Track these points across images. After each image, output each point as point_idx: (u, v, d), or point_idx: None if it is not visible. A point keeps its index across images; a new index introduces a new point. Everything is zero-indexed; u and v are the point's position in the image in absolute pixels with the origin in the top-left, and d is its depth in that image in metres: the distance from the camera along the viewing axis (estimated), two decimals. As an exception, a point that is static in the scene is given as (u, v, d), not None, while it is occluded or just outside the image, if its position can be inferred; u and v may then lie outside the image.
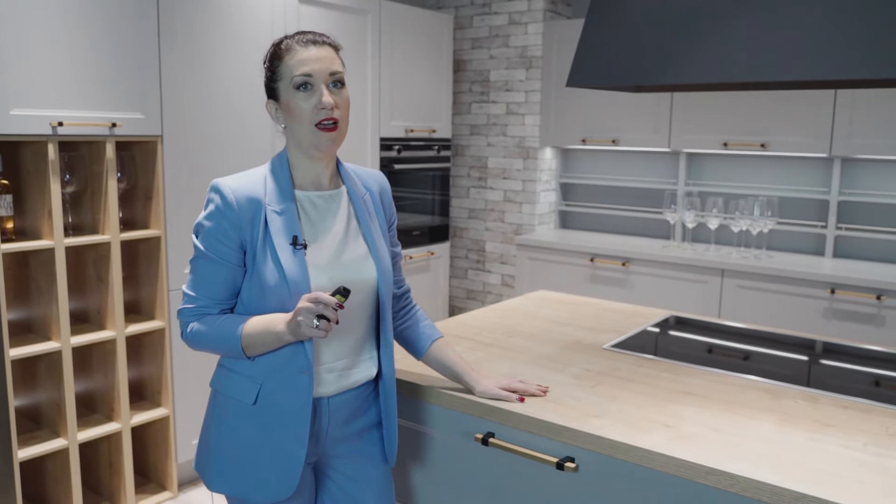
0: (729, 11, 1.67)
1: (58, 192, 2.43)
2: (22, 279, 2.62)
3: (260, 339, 1.36)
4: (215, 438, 1.44)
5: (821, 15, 1.54)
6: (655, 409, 1.53)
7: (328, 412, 1.45)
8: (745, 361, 1.92)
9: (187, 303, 1.41)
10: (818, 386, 1.70)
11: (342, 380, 1.45)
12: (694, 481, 1.31)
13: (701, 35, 1.69)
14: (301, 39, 1.40)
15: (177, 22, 2.69)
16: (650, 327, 2.17)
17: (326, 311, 1.27)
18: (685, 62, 1.71)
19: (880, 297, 3.03)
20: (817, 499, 1.18)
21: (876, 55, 1.48)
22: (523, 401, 1.55)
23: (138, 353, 2.88)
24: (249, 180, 1.39)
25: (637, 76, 1.79)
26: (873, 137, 3.20)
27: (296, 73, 1.37)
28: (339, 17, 3.34)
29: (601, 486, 1.43)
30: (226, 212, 1.35)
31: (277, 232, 1.36)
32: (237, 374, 1.42)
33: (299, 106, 1.37)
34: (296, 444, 1.39)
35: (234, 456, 1.42)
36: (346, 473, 1.52)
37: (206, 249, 1.37)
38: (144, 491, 2.89)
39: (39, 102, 2.36)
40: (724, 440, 1.39)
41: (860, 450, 1.36)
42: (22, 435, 2.56)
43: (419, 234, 3.99)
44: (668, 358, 1.88)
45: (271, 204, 1.38)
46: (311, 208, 1.43)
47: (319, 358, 1.42)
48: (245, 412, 1.40)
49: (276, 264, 1.35)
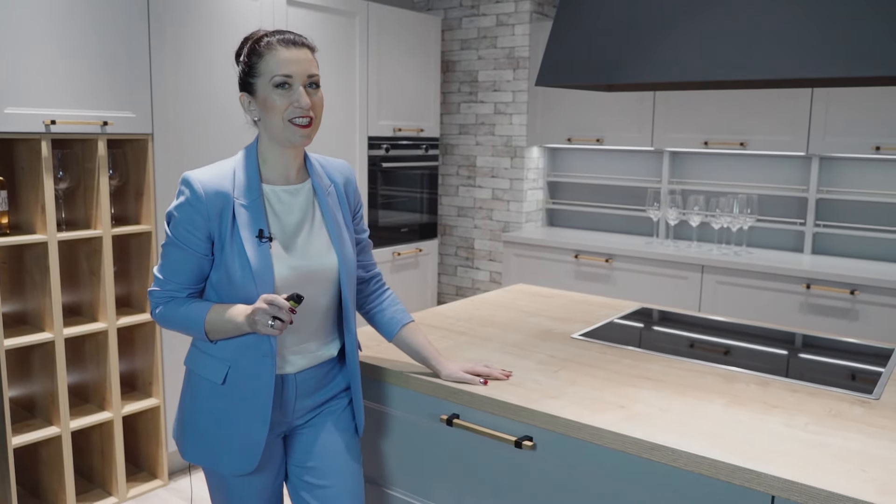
0: (690, 12, 1.75)
1: (51, 189, 2.52)
2: (17, 272, 2.71)
3: (221, 327, 1.45)
4: (189, 414, 1.54)
5: (778, 15, 1.62)
6: (611, 392, 1.61)
7: (294, 385, 1.54)
8: (705, 349, 2.00)
9: (156, 286, 1.50)
10: (770, 371, 1.78)
11: (306, 360, 1.55)
12: (640, 457, 1.39)
13: (663, 35, 1.77)
14: (282, 40, 1.46)
15: (167, 23, 2.78)
16: (618, 318, 2.25)
17: (280, 314, 1.36)
18: (648, 61, 1.79)
19: (854, 291, 3.11)
20: (750, 470, 1.26)
21: (830, 54, 1.55)
22: (486, 384, 1.63)
23: (130, 345, 2.97)
24: (218, 174, 1.46)
25: (601, 75, 1.87)
26: (849, 136, 3.27)
27: (277, 72, 1.43)
28: (326, 18, 3.43)
29: (557, 463, 1.51)
30: (195, 204, 1.43)
31: (244, 225, 1.44)
32: (208, 355, 1.51)
33: (277, 102, 1.44)
34: (259, 422, 1.48)
35: (204, 430, 1.52)
36: (312, 442, 1.60)
37: (175, 238, 1.45)
38: (136, 479, 2.98)
39: (33, 101, 2.44)
40: (671, 419, 1.47)
41: (800, 428, 1.44)
42: (16, 423, 2.65)
43: (407, 231, 4.07)
44: (632, 346, 1.96)
45: (239, 198, 1.45)
46: (276, 202, 1.51)
47: (284, 341, 1.51)
48: (215, 391, 1.50)
49: (241, 256, 1.43)
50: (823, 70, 1.57)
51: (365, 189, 3.76)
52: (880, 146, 3.20)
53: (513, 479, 1.58)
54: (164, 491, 2.94)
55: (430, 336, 1.97)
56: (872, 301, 3.08)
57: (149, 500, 2.87)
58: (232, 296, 1.47)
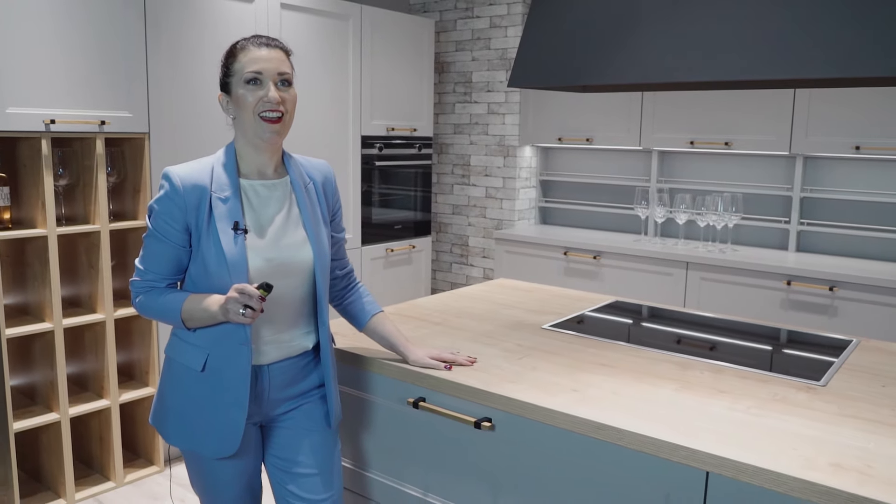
0: (652, 16, 1.83)
1: (51, 185, 2.63)
2: (18, 265, 2.83)
3: (197, 315, 1.52)
4: (170, 399, 1.62)
5: (737, 19, 1.70)
6: (568, 377, 1.70)
7: (268, 377, 1.61)
8: (666, 339, 2.08)
9: (137, 276, 1.58)
10: (726, 360, 1.86)
11: (280, 351, 1.62)
12: (588, 436, 1.47)
13: (626, 38, 1.85)
14: (255, 41, 1.55)
15: (163, 26, 2.89)
16: (590, 311, 2.34)
17: (251, 302, 1.43)
18: (611, 64, 1.88)
19: (832, 288, 3.18)
20: (686, 447, 1.35)
21: (783, 57, 1.63)
22: (451, 369, 1.71)
23: (128, 336, 3.08)
24: (197, 169, 1.54)
25: (568, 77, 1.96)
26: (830, 136, 3.34)
27: (247, 69, 1.51)
28: (320, 21, 3.53)
29: (513, 442, 1.60)
30: (173, 197, 1.50)
31: (221, 217, 1.51)
32: (188, 343, 1.58)
33: (246, 97, 1.52)
34: (237, 407, 1.56)
35: (186, 415, 1.60)
36: (288, 432, 1.66)
37: (155, 230, 1.53)
38: (133, 465, 3.09)
39: (33, 101, 2.56)
40: (621, 402, 1.55)
41: (742, 411, 1.52)
42: (17, 410, 2.76)
43: (401, 228, 4.17)
44: (597, 336, 2.04)
45: (216, 191, 1.52)
46: (253, 196, 1.57)
47: (259, 332, 1.58)
48: (194, 377, 1.57)
49: (217, 247, 1.50)
50: (776, 72, 1.65)
51: (358, 187, 3.86)
52: (860, 146, 3.27)
53: (474, 458, 1.67)
54: (161, 476, 3.05)
55: (407, 326, 2.07)
56: (851, 297, 3.15)
57: (145, 485, 2.98)
58: (208, 286, 1.54)
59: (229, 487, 1.67)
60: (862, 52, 1.54)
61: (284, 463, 1.67)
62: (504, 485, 1.64)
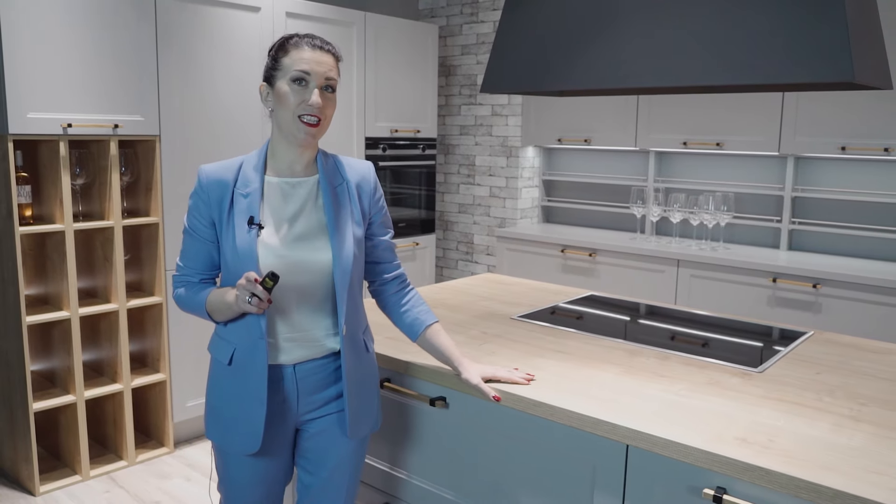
0: (608, 26, 1.96)
1: (68, 184, 2.85)
2: (39, 258, 3.06)
3: (218, 307, 1.57)
4: (209, 394, 1.66)
5: (687, 29, 1.82)
6: (521, 362, 1.84)
7: (294, 380, 1.60)
8: (626, 329, 2.20)
9: (176, 270, 1.66)
10: (675, 348, 1.98)
11: (301, 350, 1.60)
12: (526, 412, 1.62)
13: (585, 46, 1.99)
14: (309, 41, 1.55)
15: (173, 35, 3.09)
16: (563, 303, 2.47)
17: (256, 291, 1.45)
18: (571, 71, 2.01)
19: (816, 285, 3.25)
20: (608, 422, 1.48)
21: (727, 63, 1.75)
22: (499, 399, 1.63)
23: (140, 325, 3.29)
24: (224, 166, 1.59)
25: (533, 83, 2.10)
26: (817, 136, 3.42)
27: (296, 67, 1.51)
28: (325, 28, 3.71)
29: (465, 419, 1.75)
30: (199, 193, 1.58)
31: (240, 212, 1.55)
32: (219, 337, 1.63)
33: (290, 96, 1.51)
34: (257, 402, 1.56)
35: (217, 409, 1.63)
36: (315, 438, 1.66)
37: (188, 226, 1.61)
38: (145, 446, 3.30)
39: (52, 107, 2.77)
40: (563, 384, 1.69)
41: (674, 393, 1.65)
42: (37, 392, 2.99)
43: (405, 226, 4.33)
44: (561, 325, 2.18)
45: (239, 188, 1.56)
46: (276, 193, 1.59)
47: (276, 328, 1.58)
48: (224, 371, 1.60)
49: (233, 241, 1.54)
50: (720, 78, 1.77)
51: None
52: (846, 146, 3.34)
53: (431, 433, 1.83)
54: (170, 458, 3.25)
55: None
56: (835, 294, 3.22)
57: (155, 465, 3.18)
58: (230, 280, 1.58)
59: (247, 490, 1.65)
60: (798, 60, 1.65)
61: (307, 465, 1.68)
62: (460, 458, 1.79)
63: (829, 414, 1.54)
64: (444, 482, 1.83)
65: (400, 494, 1.94)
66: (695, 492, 1.40)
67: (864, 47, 1.70)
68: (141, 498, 2.90)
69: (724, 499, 1.33)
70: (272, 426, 1.61)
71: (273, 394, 1.59)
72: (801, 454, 1.34)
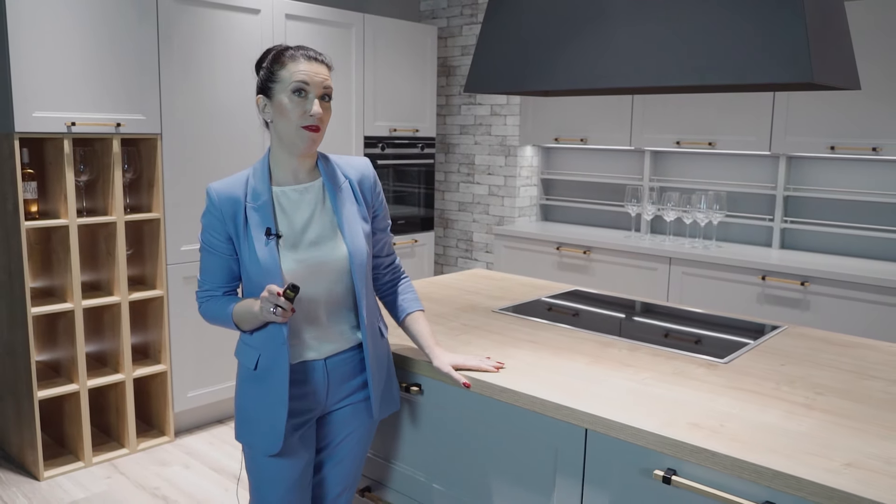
0: (583, 29, 2.02)
1: (72, 180, 2.95)
2: (44, 252, 3.17)
3: (244, 318, 1.63)
4: (237, 397, 1.73)
5: (660, 32, 1.88)
6: (495, 351, 1.91)
7: (325, 372, 1.69)
8: (601, 321, 2.26)
9: (198, 287, 1.72)
10: (647, 340, 2.04)
11: (329, 345, 1.69)
12: (493, 398, 1.69)
13: (560, 49, 2.06)
14: (305, 53, 1.61)
15: (174, 36, 3.19)
16: (545, 297, 2.54)
17: (279, 303, 1.50)
18: (547, 72, 2.08)
19: (804, 283, 3.30)
20: (568, 407, 1.55)
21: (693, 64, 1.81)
22: (468, 386, 1.71)
23: (143, 318, 3.39)
24: (233, 182, 1.65)
25: (512, 84, 2.17)
26: (807, 136, 3.46)
27: (295, 78, 1.57)
28: (324, 30, 3.80)
29: (437, 405, 1.82)
30: (213, 210, 1.63)
31: (255, 225, 1.61)
32: (245, 344, 1.69)
33: (291, 108, 1.58)
34: (279, 404, 1.63)
35: (244, 411, 1.70)
36: (339, 423, 1.76)
37: (205, 243, 1.67)
38: (146, 435, 3.41)
39: (56, 106, 2.88)
40: (532, 372, 1.76)
41: (638, 381, 1.72)
42: (42, 381, 3.10)
43: (404, 223, 4.41)
44: (539, 318, 2.25)
45: (250, 201, 1.62)
46: (286, 202, 1.65)
47: (300, 331, 1.66)
48: (250, 376, 1.68)
49: (252, 253, 1.60)
50: (678, 79, 1.83)
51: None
52: (834, 146, 3.38)
53: (407, 419, 1.90)
54: (170, 446, 3.35)
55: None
56: (822, 292, 3.26)
57: (156, 453, 3.29)
58: (252, 291, 1.64)
59: (275, 486, 1.70)
60: (757, 61, 1.71)
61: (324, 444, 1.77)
62: (433, 442, 1.86)
63: (784, 402, 1.60)
64: (419, 465, 1.91)
65: (378, 478, 2.02)
66: (647, 473, 1.46)
67: (825, 48, 1.76)
68: (141, 484, 3.00)
69: (674, 479, 1.40)
70: (295, 418, 1.68)
71: (300, 388, 1.67)
72: (748, 438, 1.40)
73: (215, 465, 3.18)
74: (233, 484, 3.00)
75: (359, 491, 2.05)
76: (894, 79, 3.22)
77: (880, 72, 3.24)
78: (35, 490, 2.94)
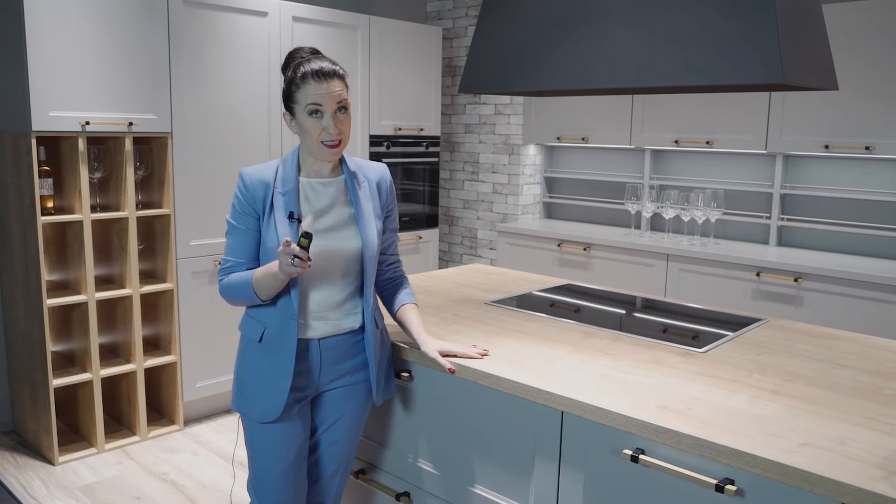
0: (571, 32, 2.11)
1: (86, 177, 3.08)
2: (60, 246, 3.30)
3: (264, 281, 1.72)
4: (237, 367, 1.85)
5: (644, 34, 1.96)
6: (482, 340, 2.00)
7: (319, 352, 1.81)
8: (587, 313, 2.35)
9: (221, 265, 1.82)
10: (630, 330, 2.13)
11: (328, 326, 1.81)
12: (478, 383, 1.78)
13: (548, 51, 2.14)
14: (316, 76, 1.71)
15: (184, 38, 3.31)
16: (537, 291, 2.62)
17: (296, 252, 1.61)
18: (536, 73, 2.17)
19: (798, 279, 3.36)
20: (545, 391, 1.64)
21: (675, 66, 1.89)
22: (454, 371, 1.80)
23: (154, 311, 3.52)
24: (263, 169, 1.79)
25: (505, 85, 2.26)
26: (801, 135, 3.52)
27: (309, 101, 1.71)
28: (330, 31, 3.90)
29: (427, 390, 1.92)
30: (244, 191, 1.77)
31: (280, 208, 1.76)
32: (251, 318, 1.82)
33: (310, 128, 1.73)
34: (283, 375, 1.76)
35: (243, 381, 1.82)
36: (332, 404, 1.87)
37: (233, 220, 1.79)
38: (157, 423, 3.53)
39: (71, 106, 3.00)
40: (515, 359, 1.85)
41: (616, 369, 1.80)
42: (57, 370, 3.23)
43: (409, 220, 4.51)
44: (528, 310, 2.34)
45: (278, 187, 1.77)
46: (310, 191, 1.80)
47: (308, 308, 1.79)
48: (254, 347, 1.80)
49: (275, 233, 1.75)
50: (653, 80, 1.91)
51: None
52: (828, 145, 3.43)
53: (399, 404, 2.00)
54: (180, 434, 3.48)
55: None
56: (815, 288, 3.32)
57: (166, 440, 3.41)
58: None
59: (273, 454, 1.80)
60: (730, 62, 1.79)
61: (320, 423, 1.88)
62: (421, 425, 1.96)
63: (753, 388, 1.68)
64: (409, 448, 2.00)
65: (371, 460, 2.11)
66: (617, 453, 1.55)
67: (799, 49, 1.83)
68: (150, 469, 3.12)
69: (641, 458, 1.48)
70: (294, 392, 1.79)
71: (298, 363, 1.79)
72: (712, 420, 1.49)
73: (222, 453, 3.30)
74: (240, 471, 3.11)
75: (353, 473, 2.15)
76: (887, 79, 3.27)
77: (873, 72, 3.30)
78: (50, 474, 3.07)
